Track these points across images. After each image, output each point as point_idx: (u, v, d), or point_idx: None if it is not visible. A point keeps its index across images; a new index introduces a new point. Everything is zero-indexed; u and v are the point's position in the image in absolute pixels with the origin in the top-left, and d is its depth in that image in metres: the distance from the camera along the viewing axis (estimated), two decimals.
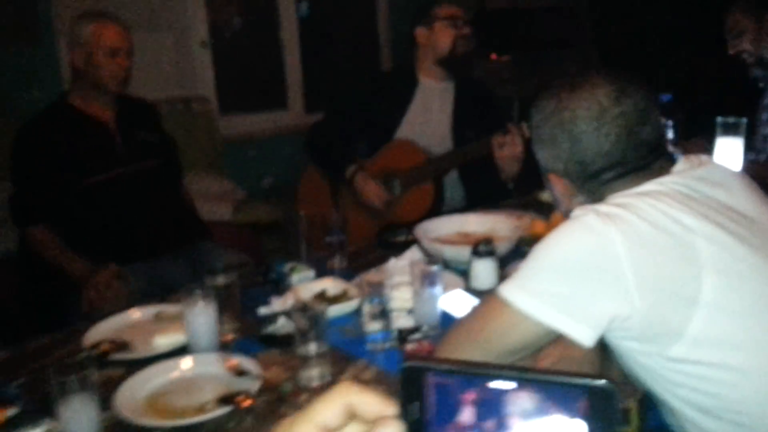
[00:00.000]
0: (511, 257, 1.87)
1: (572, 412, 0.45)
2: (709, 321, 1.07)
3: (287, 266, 1.81)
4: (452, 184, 2.80)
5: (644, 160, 1.21)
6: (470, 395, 0.48)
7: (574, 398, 0.45)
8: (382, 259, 1.96)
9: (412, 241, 2.03)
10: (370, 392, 0.51)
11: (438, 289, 1.51)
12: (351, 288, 1.67)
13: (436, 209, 2.71)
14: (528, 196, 2.56)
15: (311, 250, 1.90)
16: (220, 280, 1.51)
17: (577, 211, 1.18)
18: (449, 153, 2.68)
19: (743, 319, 1.09)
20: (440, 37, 2.72)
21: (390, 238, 2.10)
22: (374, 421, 0.50)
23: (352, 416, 0.51)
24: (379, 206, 2.69)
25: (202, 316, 1.41)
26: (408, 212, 2.69)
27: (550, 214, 2.27)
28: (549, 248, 1.16)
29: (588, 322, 1.09)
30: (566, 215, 1.35)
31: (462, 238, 1.98)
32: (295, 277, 1.78)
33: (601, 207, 1.16)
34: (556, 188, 1.31)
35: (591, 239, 1.11)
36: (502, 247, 1.79)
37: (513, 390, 0.47)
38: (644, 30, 4.91)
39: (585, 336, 1.09)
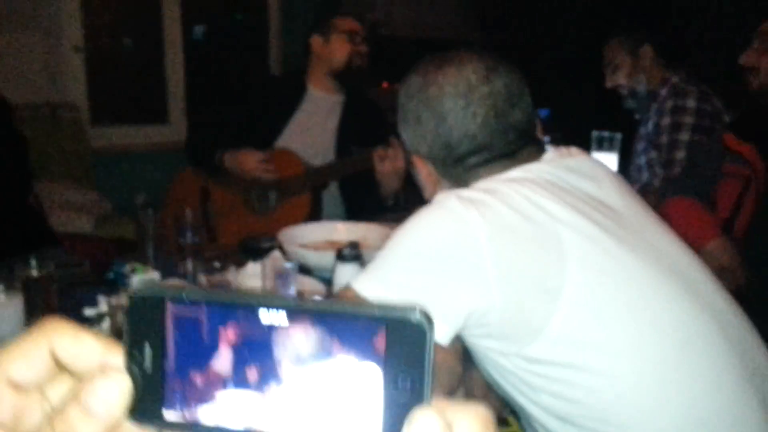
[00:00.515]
0: None
1: (364, 352, 0.31)
2: (571, 318, 0.97)
3: (128, 266, 1.60)
4: (331, 199, 2.67)
5: (512, 146, 1.13)
6: (228, 333, 0.33)
7: (368, 335, 0.31)
8: (241, 264, 1.79)
9: (276, 248, 1.87)
10: (84, 333, 0.35)
11: (292, 291, 1.35)
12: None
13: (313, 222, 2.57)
14: (409, 213, 2.46)
15: (161, 252, 1.70)
16: (33, 272, 1.29)
17: (439, 196, 1.07)
18: (328, 165, 2.55)
19: (607, 319, 0.99)
20: (336, 49, 2.61)
21: (253, 244, 1.93)
22: (89, 374, 0.34)
23: (59, 367, 0.35)
24: (260, 168, 2.50)
25: (2, 313, 1.18)
26: (283, 224, 2.53)
27: None
28: (404, 234, 1.04)
29: (443, 317, 0.97)
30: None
31: (330, 246, 1.84)
32: (135, 279, 1.57)
33: (464, 191, 1.05)
34: (422, 172, 1.20)
35: (449, 225, 0.99)
36: (370, 255, 1.66)
37: (285, 327, 0.32)
38: (527, 46, 5.02)
39: (439, 333, 0.97)
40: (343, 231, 1.90)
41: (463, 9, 5.24)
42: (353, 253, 1.57)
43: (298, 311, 0.32)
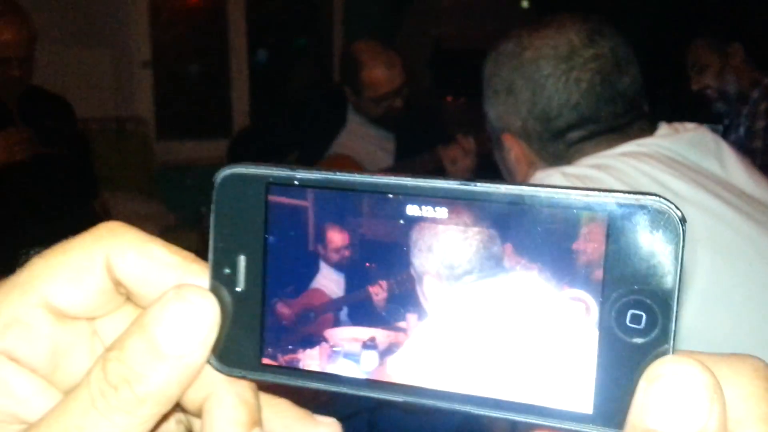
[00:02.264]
0: None
1: (564, 266, 0.19)
2: (702, 313, 0.83)
3: None
4: None
5: (620, 119, 0.98)
6: (352, 235, 0.21)
7: (569, 236, 0.19)
8: None
9: None
10: (154, 242, 0.24)
11: None
12: None
13: None
14: None
15: None
16: None
17: (540, 173, 0.94)
18: (390, 168, 2.45)
19: (744, 313, 0.84)
20: (369, 110, 2.48)
21: None
22: (159, 297, 0.23)
23: (117, 289, 0.24)
24: None
25: None
26: None
27: None
28: None
29: None
30: None
31: None
32: None
33: (569, 168, 0.92)
34: (512, 153, 1.05)
35: None
36: None
37: (434, 223, 0.20)
38: None
39: None
40: None
41: (526, 19, 5.12)
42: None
43: (459, 198, 0.20)
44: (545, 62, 0.98)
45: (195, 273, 0.22)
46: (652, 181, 0.88)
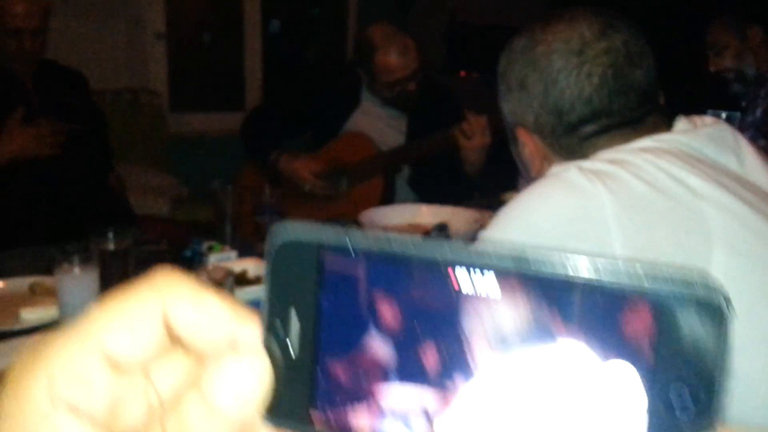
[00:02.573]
0: None
1: (610, 340, 0.20)
2: None
3: (205, 245, 1.54)
4: (403, 187, 2.56)
5: (634, 112, 0.99)
6: (402, 300, 0.22)
7: (616, 313, 0.19)
8: None
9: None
10: (210, 294, 0.24)
11: None
12: None
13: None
14: (490, 199, 2.34)
15: (237, 232, 1.64)
16: (110, 245, 1.22)
17: (555, 168, 0.94)
18: (404, 146, 2.44)
19: (763, 316, 0.85)
20: (383, 91, 2.47)
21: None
22: (215, 352, 0.24)
23: (173, 341, 0.24)
24: (311, 182, 2.42)
25: (77, 287, 1.12)
26: (354, 209, 2.44)
27: None
28: (518, 210, 0.92)
29: None
30: None
31: (414, 229, 1.74)
32: (213, 257, 1.51)
33: (586, 162, 0.92)
34: (526, 147, 1.07)
35: (571, 201, 0.87)
36: (459, 232, 1.55)
37: (490, 289, 0.21)
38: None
39: None
40: (427, 214, 1.79)
41: None
42: (442, 236, 1.46)
43: (513, 274, 0.20)
44: (557, 56, 0.98)
45: (248, 326, 0.23)
46: (669, 178, 0.88)
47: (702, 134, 0.96)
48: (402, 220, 1.77)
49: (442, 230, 1.47)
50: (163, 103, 4.03)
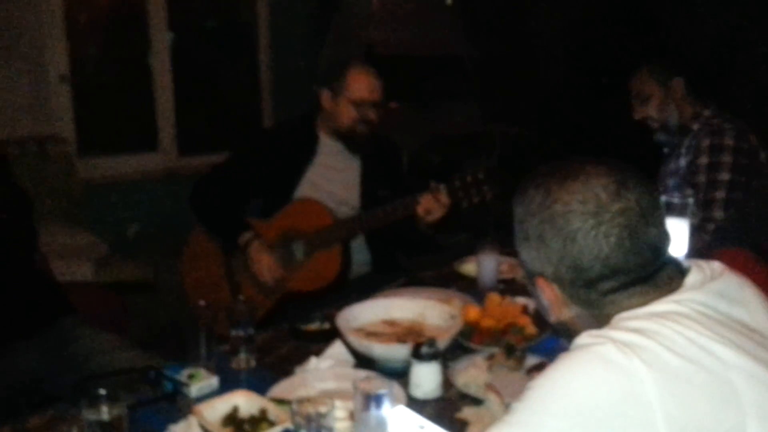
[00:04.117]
0: (450, 354, 1.62)
1: None
2: None
3: (184, 373, 1.46)
4: (357, 249, 2.54)
5: (649, 268, 1.02)
6: None
7: None
8: (297, 355, 1.66)
9: (329, 331, 1.74)
10: None
11: (386, 410, 1.22)
12: (269, 405, 1.34)
13: (343, 276, 2.44)
14: (445, 268, 2.35)
15: (213, 348, 1.56)
16: (104, 413, 1.14)
17: (587, 339, 0.95)
18: (361, 216, 2.41)
19: None
20: (342, 115, 2.45)
21: (302, 325, 1.80)
22: None
23: None
24: (270, 283, 2.38)
25: None
26: (312, 280, 2.40)
27: (474, 290, 2.06)
28: (559, 389, 0.91)
29: None
30: (560, 332, 1.13)
31: (389, 327, 1.71)
32: (194, 388, 1.43)
33: (616, 333, 0.93)
34: (544, 294, 1.08)
35: (613, 378, 0.88)
36: (442, 344, 1.54)
37: None
38: (519, 61, 4.92)
39: None
40: (400, 308, 1.77)
41: (456, 25, 5.13)
42: (431, 351, 1.45)
43: None
44: (574, 216, 1.00)
45: None
46: (697, 348, 0.90)
47: (712, 291, 1.00)
48: (375, 317, 1.74)
49: (432, 346, 1.45)
50: (71, 149, 3.81)
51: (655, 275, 1.02)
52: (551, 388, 0.92)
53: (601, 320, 1.00)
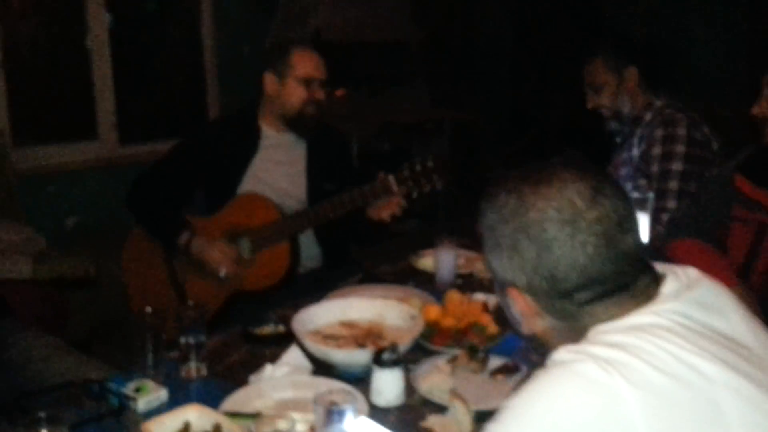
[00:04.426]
0: (411, 356, 1.57)
1: None
2: None
3: (130, 386, 1.37)
4: (307, 243, 2.46)
5: (626, 277, 0.98)
6: None
7: None
8: (250, 361, 1.59)
9: (284, 335, 1.67)
10: None
11: (349, 423, 1.16)
12: (223, 420, 1.26)
13: (292, 272, 2.36)
14: (401, 263, 2.29)
15: (160, 357, 1.47)
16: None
17: (565, 355, 0.90)
18: (315, 208, 2.32)
19: None
20: (290, 94, 2.37)
21: (255, 329, 1.72)
22: None
23: None
24: (230, 270, 2.29)
25: None
26: (261, 277, 2.31)
27: (431, 286, 2.02)
28: (537, 410, 0.86)
29: None
30: (532, 343, 1.08)
31: (346, 330, 1.65)
32: (141, 402, 1.34)
33: (597, 349, 0.89)
34: (516, 305, 1.03)
35: (595, 398, 0.84)
36: (404, 348, 1.49)
37: None
38: (483, 70, 4.90)
39: None
40: (357, 308, 1.71)
41: (403, 9, 5.05)
42: (393, 357, 1.39)
43: None
44: (549, 224, 0.96)
45: None
46: (681, 364, 0.87)
47: (690, 300, 0.97)
48: (333, 318, 1.67)
49: (393, 352, 1.40)
50: (5, 138, 3.62)
51: (631, 284, 0.98)
52: (529, 408, 0.87)
53: (577, 332, 0.96)
